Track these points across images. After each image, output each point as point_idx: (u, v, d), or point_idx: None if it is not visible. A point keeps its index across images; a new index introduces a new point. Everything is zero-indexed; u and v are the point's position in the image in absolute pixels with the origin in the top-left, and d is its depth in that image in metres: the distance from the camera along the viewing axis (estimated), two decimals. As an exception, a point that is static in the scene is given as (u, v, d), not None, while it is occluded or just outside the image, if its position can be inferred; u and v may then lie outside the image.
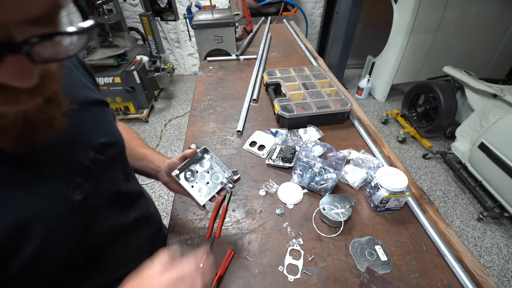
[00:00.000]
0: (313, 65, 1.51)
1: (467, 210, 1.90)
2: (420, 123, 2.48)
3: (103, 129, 0.47)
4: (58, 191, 0.36)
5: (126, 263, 0.53)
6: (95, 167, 0.43)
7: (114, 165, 0.49)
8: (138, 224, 0.56)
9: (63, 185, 0.37)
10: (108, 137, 0.47)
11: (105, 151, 0.46)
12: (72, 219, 0.37)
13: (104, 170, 0.45)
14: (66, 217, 0.37)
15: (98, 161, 0.44)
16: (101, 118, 0.47)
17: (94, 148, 0.43)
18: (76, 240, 0.39)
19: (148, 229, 0.62)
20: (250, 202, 0.79)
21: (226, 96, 1.28)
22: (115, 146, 0.49)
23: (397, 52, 2.66)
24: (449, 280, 0.61)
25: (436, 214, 0.73)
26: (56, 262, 0.37)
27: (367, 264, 0.64)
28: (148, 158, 0.65)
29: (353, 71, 3.70)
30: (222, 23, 1.52)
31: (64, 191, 0.37)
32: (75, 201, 0.38)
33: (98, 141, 0.44)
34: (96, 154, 0.43)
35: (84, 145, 0.42)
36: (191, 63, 3.59)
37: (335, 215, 0.71)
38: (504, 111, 1.75)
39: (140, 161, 0.65)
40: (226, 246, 0.68)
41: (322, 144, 0.86)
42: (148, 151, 0.67)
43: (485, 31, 2.63)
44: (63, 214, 0.36)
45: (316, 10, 3.31)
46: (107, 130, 0.48)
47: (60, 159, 0.38)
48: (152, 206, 0.68)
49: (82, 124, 0.42)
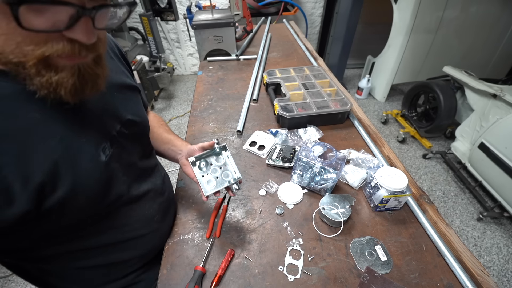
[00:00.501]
0: (313, 65, 1.51)
1: (467, 210, 1.90)
2: (420, 123, 2.48)
3: (131, 109, 0.54)
4: (91, 149, 0.43)
5: (138, 227, 0.60)
6: (120, 138, 0.50)
7: (135, 141, 0.56)
8: (150, 195, 0.62)
9: (94, 146, 0.44)
10: (134, 116, 0.54)
11: (130, 127, 0.53)
12: (96, 174, 0.44)
13: (127, 143, 0.52)
14: (92, 172, 0.43)
15: (123, 134, 0.51)
16: (131, 100, 0.55)
17: (121, 123, 0.51)
18: (98, 193, 0.45)
19: (160, 201, 0.67)
20: (250, 202, 0.79)
21: (226, 96, 1.29)
22: (138, 125, 0.56)
23: (397, 52, 2.66)
24: (449, 280, 0.61)
25: (436, 214, 0.73)
26: (81, 210, 0.44)
27: (367, 264, 0.64)
28: (172, 142, 0.74)
29: (353, 71, 3.70)
30: (222, 23, 1.52)
31: (94, 151, 0.44)
32: (100, 161, 0.45)
33: (125, 118, 0.52)
34: (122, 128, 0.51)
35: (113, 118, 0.49)
36: (191, 63, 3.59)
37: (335, 215, 0.71)
38: (504, 111, 1.75)
39: (165, 144, 0.74)
40: (226, 246, 0.68)
41: (322, 144, 0.86)
42: (173, 136, 0.76)
43: (485, 31, 2.63)
44: (91, 169, 0.43)
45: (316, 10, 3.31)
46: (134, 110, 0.55)
47: (95, 124, 0.45)
48: (167, 184, 0.74)
49: (114, 101, 0.50)
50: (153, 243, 0.66)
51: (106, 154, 0.46)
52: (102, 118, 0.47)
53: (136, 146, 0.57)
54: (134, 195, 0.56)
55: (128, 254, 0.61)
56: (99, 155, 0.45)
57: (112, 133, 0.48)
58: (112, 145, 0.48)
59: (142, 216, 0.60)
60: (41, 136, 0.37)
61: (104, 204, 0.49)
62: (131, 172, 0.55)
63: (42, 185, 0.36)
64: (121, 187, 0.52)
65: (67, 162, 0.39)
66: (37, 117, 0.37)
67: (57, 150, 0.38)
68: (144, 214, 0.61)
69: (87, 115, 0.44)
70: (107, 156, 0.46)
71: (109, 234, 0.55)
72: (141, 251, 0.64)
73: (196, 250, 0.67)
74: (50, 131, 0.38)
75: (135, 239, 0.60)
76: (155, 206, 0.64)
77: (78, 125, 0.42)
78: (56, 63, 0.33)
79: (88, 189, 0.43)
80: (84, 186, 0.42)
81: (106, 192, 0.47)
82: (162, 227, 0.68)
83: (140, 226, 0.60)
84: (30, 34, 0.29)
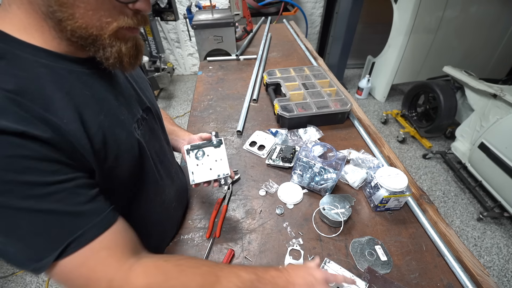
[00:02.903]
0: (313, 65, 1.51)
1: (467, 210, 1.90)
2: (420, 123, 2.48)
3: (148, 97, 0.59)
4: (130, 126, 0.49)
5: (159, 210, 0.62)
6: (143, 122, 0.54)
7: (154, 126, 0.60)
8: (170, 178, 0.66)
9: (129, 124, 0.49)
10: (150, 105, 0.58)
11: (149, 114, 0.58)
12: (134, 147, 0.49)
13: (148, 128, 0.56)
14: (129, 145, 0.48)
15: (144, 119, 0.55)
16: (146, 89, 0.60)
17: (142, 108, 0.55)
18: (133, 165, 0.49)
19: (177, 189, 0.70)
20: (250, 202, 0.79)
21: (226, 96, 1.28)
22: (155, 113, 0.61)
23: (397, 52, 2.66)
24: (449, 280, 0.61)
25: (436, 214, 0.73)
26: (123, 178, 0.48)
27: (367, 264, 0.64)
28: (176, 132, 0.78)
29: (353, 71, 3.70)
30: (222, 23, 1.52)
31: (130, 128, 0.49)
32: (135, 137, 0.49)
33: (145, 104, 0.56)
34: (143, 113, 0.55)
35: (137, 103, 0.54)
36: (191, 63, 3.58)
37: (335, 215, 0.71)
38: (504, 111, 1.75)
39: (170, 135, 0.76)
40: (226, 246, 0.68)
41: (322, 144, 0.86)
42: (176, 128, 0.80)
43: (485, 31, 2.63)
44: (130, 143, 0.48)
45: (316, 10, 3.31)
46: (150, 99, 0.60)
47: (127, 106, 0.50)
48: (180, 174, 0.77)
49: (135, 88, 0.55)
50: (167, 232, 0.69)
51: (137, 133, 0.51)
52: (131, 102, 0.52)
53: (155, 131, 0.61)
54: (156, 177, 0.59)
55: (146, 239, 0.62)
56: (134, 132, 0.49)
57: (137, 117, 0.52)
58: (139, 127, 0.52)
59: (163, 201, 0.63)
60: (94, 110, 0.41)
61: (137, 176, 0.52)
62: (153, 153, 0.58)
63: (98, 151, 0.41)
64: (150, 162, 0.56)
65: (112, 136, 0.44)
66: (88, 95, 0.42)
67: (105, 124, 0.42)
68: (164, 200, 0.63)
69: (122, 96, 0.49)
70: (138, 135, 0.51)
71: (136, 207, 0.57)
72: (156, 239, 0.65)
73: (196, 250, 0.67)
74: (99, 108, 0.42)
75: (156, 223, 0.63)
76: (172, 192, 0.66)
77: (117, 104, 0.47)
78: (124, 35, 0.40)
79: (126, 159, 0.47)
80: (125, 155, 0.46)
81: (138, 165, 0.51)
82: (175, 216, 0.71)
83: (161, 210, 0.63)
84: (110, 8, 0.36)
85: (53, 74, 0.37)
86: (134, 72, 0.57)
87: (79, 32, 0.36)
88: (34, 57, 0.36)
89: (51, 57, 0.38)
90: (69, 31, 0.36)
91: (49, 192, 0.34)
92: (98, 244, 0.37)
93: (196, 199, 0.80)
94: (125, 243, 0.41)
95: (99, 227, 0.38)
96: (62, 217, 0.35)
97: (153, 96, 0.63)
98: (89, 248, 0.36)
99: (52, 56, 0.38)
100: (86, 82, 0.42)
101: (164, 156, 0.64)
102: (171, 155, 0.71)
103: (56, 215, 0.35)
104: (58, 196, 0.34)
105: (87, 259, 0.36)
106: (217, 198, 0.79)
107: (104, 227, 0.38)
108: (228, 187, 0.82)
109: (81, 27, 0.35)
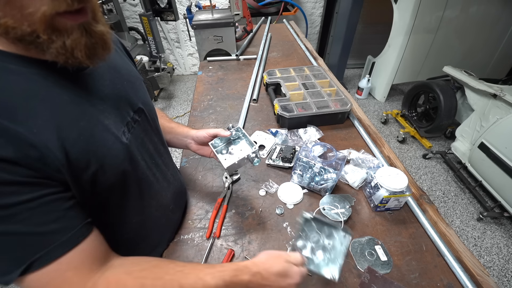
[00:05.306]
0: (313, 65, 1.51)
1: (467, 210, 1.90)
2: (420, 123, 2.48)
3: (140, 98, 0.56)
4: (118, 131, 0.46)
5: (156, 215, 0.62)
6: (134, 125, 0.52)
7: (148, 128, 0.58)
8: (166, 181, 0.64)
9: (116, 129, 0.46)
10: (144, 105, 0.56)
11: (141, 115, 0.55)
12: (120, 154, 0.46)
13: (141, 130, 0.54)
14: (116, 151, 0.45)
15: (136, 121, 0.53)
16: (139, 90, 0.57)
17: (134, 110, 0.53)
18: (122, 172, 0.47)
19: (174, 191, 0.69)
20: (250, 202, 0.79)
21: (226, 96, 1.28)
22: (149, 113, 0.58)
23: (397, 52, 2.66)
24: (449, 280, 0.61)
25: (436, 214, 0.73)
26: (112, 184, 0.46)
27: (367, 264, 0.64)
28: (175, 130, 0.77)
29: (353, 71, 3.70)
30: (222, 23, 1.52)
31: (117, 133, 0.46)
32: (122, 142, 0.47)
33: (137, 105, 0.54)
34: (135, 115, 0.53)
35: (127, 105, 0.51)
36: (191, 63, 3.59)
37: (335, 215, 0.71)
38: (504, 111, 1.75)
39: (168, 134, 0.76)
40: (226, 246, 0.68)
41: (322, 144, 0.86)
42: (174, 125, 0.78)
43: (485, 31, 2.63)
44: (116, 149, 0.45)
45: (316, 10, 3.31)
46: (144, 100, 0.57)
47: (114, 109, 0.47)
48: (180, 176, 0.76)
49: (125, 89, 0.52)
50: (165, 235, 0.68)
51: (125, 138, 0.48)
52: (120, 104, 0.49)
53: (148, 133, 0.59)
54: (151, 180, 0.58)
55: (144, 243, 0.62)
56: (121, 137, 0.47)
57: (127, 119, 0.50)
58: (129, 130, 0.50)
59: (159, 204, 0.62)
60: (73, 116, 0.39)
61: (127, 183, 0.51)
62: (146, 156, 0.56)
63: (78, 160, 0.39)
64: (141, 168, 0.54)
65: (96, 143, 0.42)
66: (67, 100, 0.39)
67: (86, 131, 0.40)
68: (160, 203, 0.62)
69: (108, 98, 0.47)
70: (127, 139, 0.49)
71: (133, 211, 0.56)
72: (155, 241, 0.65)
73: (196, 250, 0.67)
74: (79, 113, 0.40)
75: (153, 226, 0.62)
76: (169, 195, 0.66)
77: (102, 108, 0.45)
78: (63, 26, 0.34)
79: (113, 166, 0.45)
80: (110, 163, 0.44)
81: (128, 171, 0.49)
82: (173, 219, 0.70)
83: (158, 213, 0.62)
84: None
85: (25, 81, 0.35)
86: (125, 72, 0.55)
87: (13, 32, 0.32)
88: (3, 63, 0.34)
89: (23, 62, 0.36)
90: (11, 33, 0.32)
91: (10, 214, 0.33)
92: (64, 263, 0.37)
93: (196, 199, 0.80)
94: (94, 258, 0.41)
95: (64, 246, 0.37)
96: (24, 237, 0.34)
97: (147, 96, 0.61)
98: (55, 267, 0.36)
99: (23, 61, 0.36)
100: (65, 86, 0.39)
101: (159, 158, 0.62)
102: (168, 156, 0.69)
103: (17, 236, 0.34)
104: (20, 216, 0.33)
105: (52, 279, 0.36)
106: (217, 198, 0.79)
107: (70, 246, 0.37)
108: (228, 187, 0.82)
109: (10, 26, 0.31)
